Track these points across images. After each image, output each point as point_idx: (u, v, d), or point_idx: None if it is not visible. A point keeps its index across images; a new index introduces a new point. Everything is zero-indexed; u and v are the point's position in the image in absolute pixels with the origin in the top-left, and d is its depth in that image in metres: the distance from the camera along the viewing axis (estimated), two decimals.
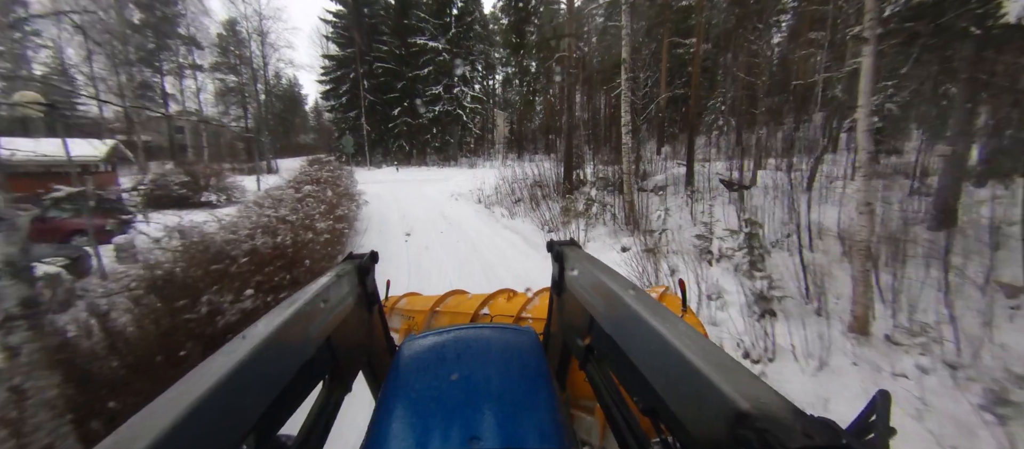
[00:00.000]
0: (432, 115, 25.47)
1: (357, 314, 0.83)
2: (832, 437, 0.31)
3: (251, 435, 0.46)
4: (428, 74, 25.30)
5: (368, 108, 26.67)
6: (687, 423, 0.42)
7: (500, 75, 37.95)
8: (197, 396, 0.38)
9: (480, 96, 28.05)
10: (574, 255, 0.82)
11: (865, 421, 0.37)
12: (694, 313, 1.27)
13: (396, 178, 21.06)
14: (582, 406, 1.07)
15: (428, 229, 8.61)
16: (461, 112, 25.71)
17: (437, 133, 26.10)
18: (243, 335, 0.50)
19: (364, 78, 26.15)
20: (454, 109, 25.67)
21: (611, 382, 0.66)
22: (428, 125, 25.82)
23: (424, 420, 0.57)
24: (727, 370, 0.39)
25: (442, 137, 26.41)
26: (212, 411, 0.39)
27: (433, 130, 25.95)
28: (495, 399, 0.60)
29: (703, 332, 1.12)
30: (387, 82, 26.07)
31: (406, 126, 25.90)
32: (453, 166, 26.03)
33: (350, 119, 27.74)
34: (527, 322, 1.29)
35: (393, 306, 1.71)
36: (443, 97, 25.57)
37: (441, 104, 25.58)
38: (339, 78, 27.51)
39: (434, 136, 26.10)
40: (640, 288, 0.62)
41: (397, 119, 25.91)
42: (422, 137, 26.34)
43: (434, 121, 25.75)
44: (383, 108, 26.98)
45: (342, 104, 27.69)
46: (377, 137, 27.64)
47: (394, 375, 0.71)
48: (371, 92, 26.67)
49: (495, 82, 34.36)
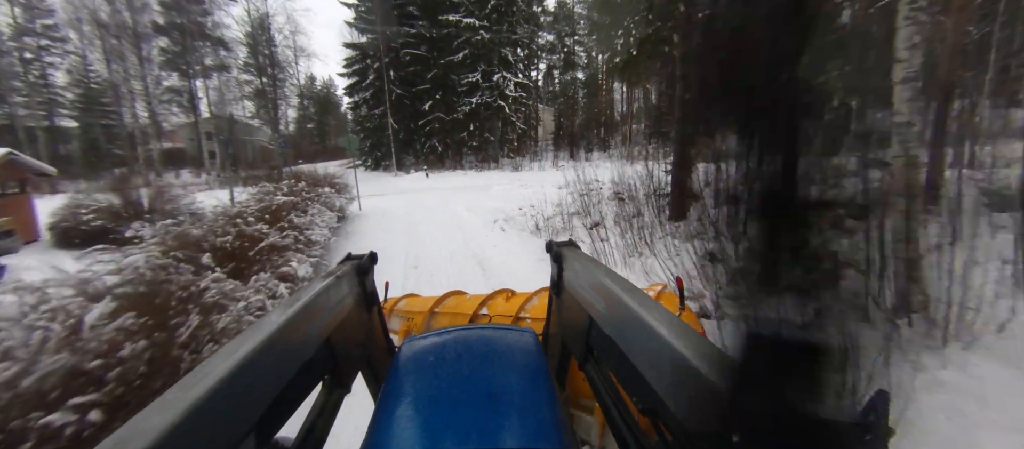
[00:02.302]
0: (469, 108, 21.19)
1: (356, 315, 0.83)
2: (832, 436, 0.31)
3: (251, 435, 0.46)
4: (463, 59, 21.05)
5: (395, 104, 22.89)
6: (686, 423, 0.42)
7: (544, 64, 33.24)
8: (197, 396, 0.38)
9: (525, 82, 23.39)
10: (573, 256, 0.83)
11: (864, 420, 0.37)
12: (692, 311, 1.32)
13: (423, 186, 16.90)
14: (582, 405, 1.08)
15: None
16: (503, 103, 21.22)
17: (474, 130, 21.79)
18: (244, 335, 0.50)
19: (390, 68, 22.37)
20: (494, 100, 21.23)
21: (610, 382, 0.67)
22: (464, 121, 21.58)
23: (424, 421, 0.56)
24: (727, 371, 0.37)
25: (481, 134, 22.07)
26: (212, 411, 0.39)
27: (470, 126, 21.68)
28: (495, 400, 0.59)
29: (701, 331, 1.14)
30: (416, 72, 22.14)
31: (438, 123, 21.83)
32: (493, 169, 21.61)
33: (376, 117, 24.14)
34: (526, 322, 1.31)
35: (392, 307, 1.71)
36: (481, 86, 21.21)
37: (479, 95, 21.24)
38: (363, 70, 23.97)
39: (471, 133, 21.81)
40: (639, 289, 0.62)
41: (428, 115, 21.90)
42: (457, 135, 22.15)
43: (471, 115, 21.46)
44: (412, 103, 23.10)
45: (366, 100, 24.14)
46: (406, 137, 23.84)
47: (394, 376, 0.70)
48: (398, 84, 22.85)
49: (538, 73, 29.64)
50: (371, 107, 24.28)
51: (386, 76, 22.09)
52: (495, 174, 19.65)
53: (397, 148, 23.37)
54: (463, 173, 20.74)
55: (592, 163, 23.18)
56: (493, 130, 22.45)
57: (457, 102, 21.81)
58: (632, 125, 24.31)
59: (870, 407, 0.38)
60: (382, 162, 25.34)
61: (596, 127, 27.27)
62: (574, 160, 24.69)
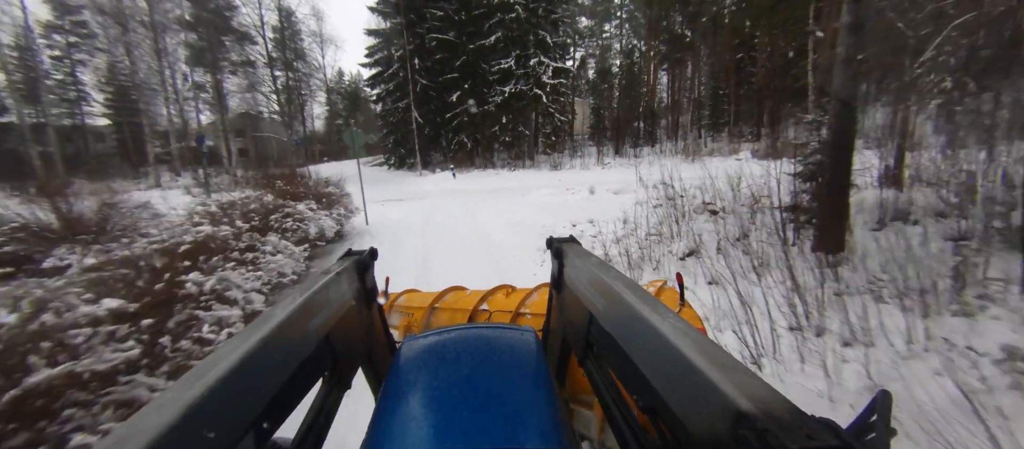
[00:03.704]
0: (501, 98, 18.67)
1: (356, 311, 0.83)
2: (833, 437, 0.30)
3: (250, 433, 0.46)
4: (496, 42, 18.53)
5: (420, 96, 20.72)
6: (687, 422, 0.42)
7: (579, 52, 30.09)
8: (196, 395, 0.38)
9: (566, 68, 20.56)
10: (573, 252, 0.82)
11: (866, 421, 0.36)
12: (692, 307, 1.26)
13: (449, 188, 14.58)
14: (581, 401, 1.08)
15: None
16: (540, 91, 18.54)
17: (507, 123, 19.26)
18: (244, 331, 0.50)
19: (414, 56, 20.19)
20: (530, 88, 18.60)
21: (610, 380, 0.67)
22: (495, 112, 19.09)
23: (425, 420, 0.56)
24: (728, 369, 0.38)
25: (514, 128, 19.50)
26: (211, 410, 0.39)
27: (502, 119, 19.17)
28: (495, 400, 0.59)
29: (701, 327, 1.17)
30: (443, 60, 19.83)
31: (467, 116, 19.45)
32: (528, 167, 19.03)
33: (399, 111, 22.09)
34: (526, 318, 1.32)
35: (392, 303, 1.70)
36: (515, 73, 18.62)
37: (513, 83, 18.68)
38: (386, 60, 21.95)
39: (503, 127, 19.30)
40: (640, 285, 0.62)
41: (456, 107, 19.57)
42: (488, 129, 19.71)
43: (503, 106, 18.94)
44: (438, 94, 20.86)
45: (389, 91, 22.13)
46: (432, 133, 21.65)
47: (394, 375, 0.70)
48: (423, 74, 20.65)
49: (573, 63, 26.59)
50: (395, 100, 22.26)
51: (409, 64, 19.92)
52: (531, 174, 17.08)
53: (422, 144, 21.23)
54: (495, 172, 18.28)
55: (643, 159, 20.13)
56: (528, 123, 19.84)
57: (488, 93, 19.36)
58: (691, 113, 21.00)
59: (872, 407, 0.36)
60: (406, 160, 23.32)
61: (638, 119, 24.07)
62: (619, 156, 21.72)
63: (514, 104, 19.08)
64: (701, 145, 18.52)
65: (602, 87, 23.58)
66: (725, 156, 17.29)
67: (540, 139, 21.32)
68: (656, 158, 18.63)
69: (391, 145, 24.09)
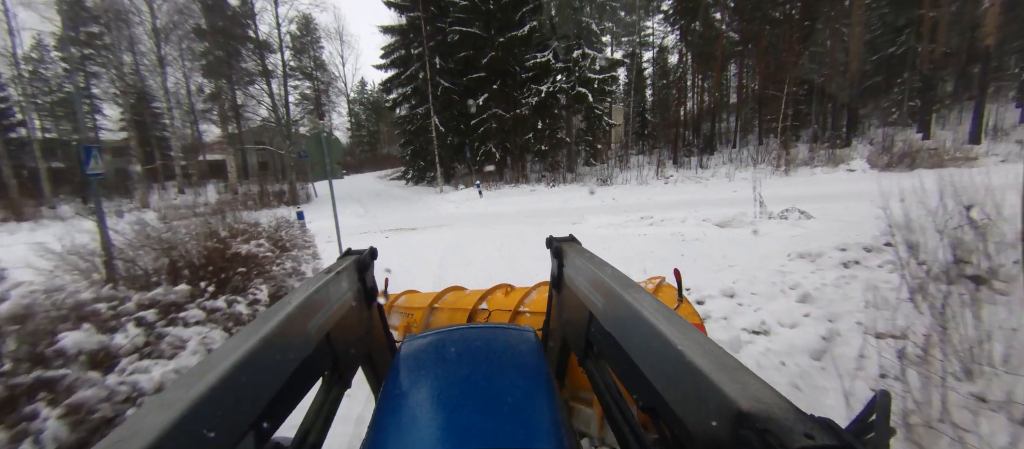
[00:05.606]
0: (536, 99, 15.50)
1: (356, 310, 0.83)
2: (832, 437, 0.31)
3: (251, 431, 0.45)
4: (531, 32, 15.45)
5: (441, 100, 17.87)
6: (687, 422, 0.42)
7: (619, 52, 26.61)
8: (197, 394, 0.38)
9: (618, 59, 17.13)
10: (573, 251, 0.82)
11: (865, 421, 0.37)
12: (689, 303, 1.21)
13: (474, 211, 11.38)
14: (581, 398, 1.09)
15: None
16: (584, 90, 15.23)
17: (543, 129, 16.04)
18: (244, 331, 0.50)
19: (434, 54, 17.39)
20: (572, 86, 15.33)
21: (610, 379, 0.67)
22: (529, 117, 15.93)
23: (426, 420, 0.56)
24: (728, 369, 0.38)
25: (552, 135, 16.25)
26: (212, 409, 0.39)
27: (537, 124, 15.98)
28: (495, 399, 0.59)
29: (700, 324, 1.21)
30: (467, 58, 16.91)
31: (496, 121, 16.39)
32: (570, 182, 15.67)
33: (417, 117, 19.32)
34: (525, 316, 1.34)
35: (392, 303, 1.76)
36: (553, 67, 15.44)
37: (550, 81, 15.49)
38: (404, 60, 19.30)
39: (538, 134, 16.09)
40: (638, 285, 0.61)
41: (482, 112, 16.55)
42: (519, 138, 16.56)
43: (539, 109, 15.76)
44: (461, 98, 17.94)
45: (406, 96, 19.41)
46: (455, 141, 18.72)
47: (395, 374, 0.70)
48: (445, 75, 17.82)
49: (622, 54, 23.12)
50: (412, 106, 19.53)
51: (429, 63, 17.10)
52: (575, 191, 13.71)
53: (444, 155, 18.32)
54: (529, 188, 15.04)
55: (713, 172, 16.40)
56: (569, 128, 16.54)
57: (519, 94, 16.26)
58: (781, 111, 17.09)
59: (871, 407, 0.37)
60: (426, 173, 20.49)
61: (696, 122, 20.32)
62: (678, 167, 18.06)
63: (551, 105, 15.86)
64: (793, 154, 14.58)
65: (659, 84, 20.00)
66: (826, 167, 13.37)
67: (583, 146, 17.95)
68: (731, 169, 14.89)
69: (409, 156, 21.38)
